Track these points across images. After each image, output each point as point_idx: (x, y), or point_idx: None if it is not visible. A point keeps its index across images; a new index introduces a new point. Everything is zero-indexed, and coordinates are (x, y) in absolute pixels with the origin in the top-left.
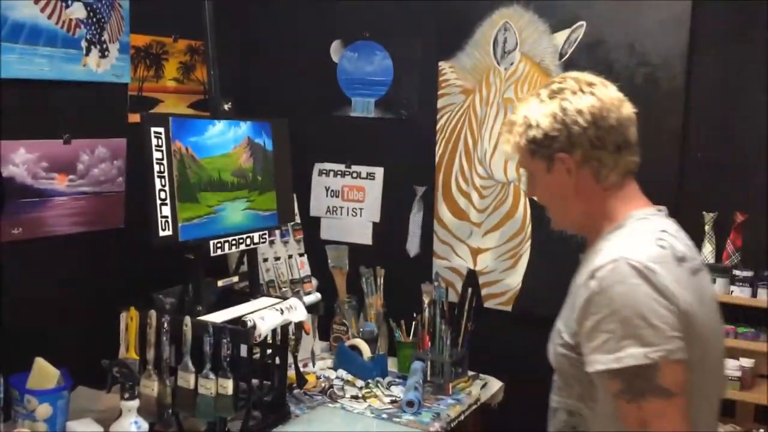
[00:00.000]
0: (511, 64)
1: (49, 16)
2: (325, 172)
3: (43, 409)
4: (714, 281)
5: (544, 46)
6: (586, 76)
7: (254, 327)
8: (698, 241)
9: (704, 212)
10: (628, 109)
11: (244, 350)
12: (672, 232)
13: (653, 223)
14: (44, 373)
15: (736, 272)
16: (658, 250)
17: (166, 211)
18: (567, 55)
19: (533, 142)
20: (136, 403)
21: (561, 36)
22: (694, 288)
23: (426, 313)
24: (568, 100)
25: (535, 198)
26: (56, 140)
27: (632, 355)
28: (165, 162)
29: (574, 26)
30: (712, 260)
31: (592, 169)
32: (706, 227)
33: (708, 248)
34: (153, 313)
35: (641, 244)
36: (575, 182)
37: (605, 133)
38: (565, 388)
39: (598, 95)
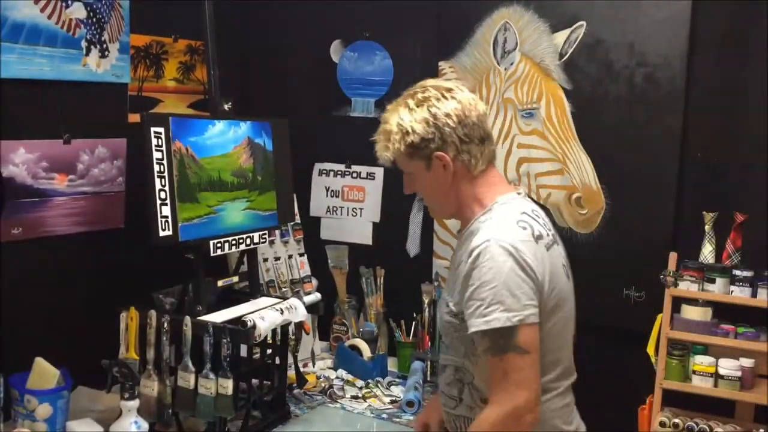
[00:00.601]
0: (511, 64)
1: (49, 16)
2: (325, 172)
3: (43, 409)
4: (714, 281)
5: (544, 46)
6: (444, 83)
7: (254, 327)
8: (698, 241)
9: (704, 212)
10: (482, 106)
11: (244, 350)
12: (530, 213)
13: (515, 206)
14: (44, 373)
15: (736, 272)
16: (520, 231)
17: (166, 211)
18: (567, 55)
19: (411, 146)
20: (136, 403)
21: (561, 36)
22: (548, 261)
23: (426, 313)
24: (435, 106)
25: (414, 193)
26: (56, 140)
27: (498, 318)
28: (165, 162)
29: (574, 26)
30: (712, 260)
31: (463, 161)
32: (706, 227)
33: (708, 248)
34: (153, 313)
35: (507, 226)
36: (451, 175)
37: (470, 130)
38: (452, 348)
39: (458, 98)
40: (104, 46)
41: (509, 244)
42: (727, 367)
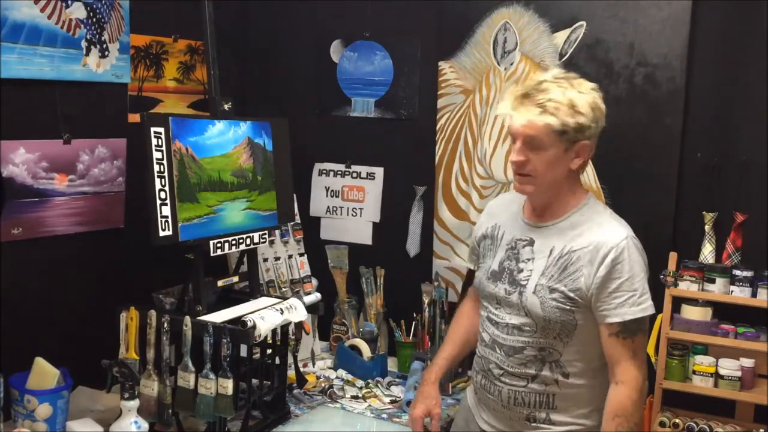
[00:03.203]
0: (511, 64)
1: (49, 16)
2: (325, 172)
3: (43, 409)
4: (714, 281)
5: (544, 46)
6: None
7: (254, 327)
8: (698, 241)
9: (704, 212)
10: None
11: (244, 350)
12: None
13: (601, 205)
14: (44, 372)
15: (736, 272)
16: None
17: (166, 211)
18: (567, 55)
19: (576, 126)
20: (136, 403)
21: (561, 36)
22: None
23: (426, 313)
24: (598, 98)
25: (520, 161)
26: (56, 140)
27: (650, 306)
28: (165, 162)
29: (574, 26)
30: (712, 260)
31: (589, 156)
32: (706, 227)
33: (708, 248)
34: (153, 313)
35: (624, 224)
36: (579, 165)
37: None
38: (542, 331)
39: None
40: (104, 46)
41: (639, 242)
42: (727, 367)
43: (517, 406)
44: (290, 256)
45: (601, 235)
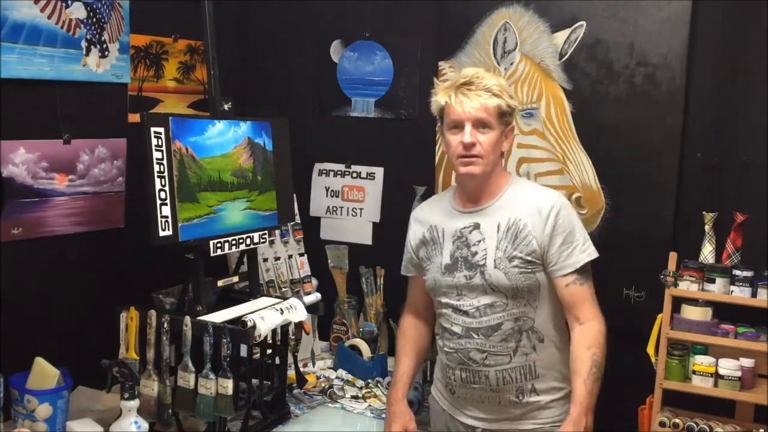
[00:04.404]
0: (511, 64)
1: (49, 16)
2: (325, 172)
3: (43, 409)
4: (714, 281)
5: (544, 46)
6: None
7: (254, 327)
8: (698, 241)
9: (704, 212)
10: None
11: (244, 350)
12: None
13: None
14: (44, 372)
15: (736, 272)
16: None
17: (166, 211)
18: (567, 55)
19: (510, 108)
20: (136, 403)
21: (561, 36)
22: None
23: None
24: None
25: (471, 142)
26: (56, 140)
27: (594, 251)
28: (165, 162)
29: (574, 26)
30: (712, 260)
31: (512, 141)
32: (706, 227)
33: (708, 248)
34: (153, 313)
35: (548, 188)
36: (507, 146)
37: None
38: (513, 301)
39: None
40: (104, 46)
41: (567, 200)
42: (727, 367)
43: (506, 385)
44: (290, 256)
45: (537, 199)
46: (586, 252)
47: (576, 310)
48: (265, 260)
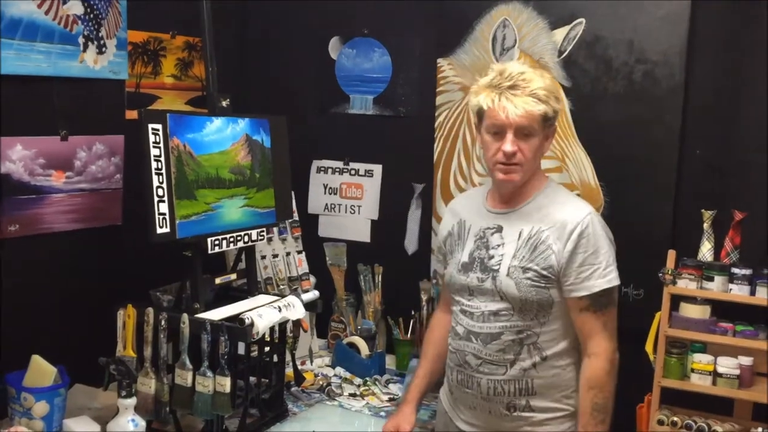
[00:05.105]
0: (510, 60)
1: (47, 12)
2: (323, 169)
3: (40, 407)
4: (713, 279)
5: (543, 43)
6: None
7: (252, 324)
8: (697, 239)
9: (703, 210)
10: None
11: (241, 348)
12: None
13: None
14: (41, 370)
15: (735, 270)
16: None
17: (164, 208)
18: (566, 52)
19: (555, 113)
20: (133, 401)
21: (560, 33)
22: None
23: (424, 311)
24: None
25: (513, 151)
26: (53, 137)
27: (616, 277)
28: (163, 159)
29: (574, 23)
30: (710, 258)
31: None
32: (705, 225)
33: (707, 246)
34: (150, 310)
35: (583, 201)
36: (547, 147)
37: None
38: (519, 313)
39: None
40: (102, 42)
41: (601, 218)
42: (726, 365)
43: (497, 396)
44: (288, 254)
45: (565, 213)
46: (606, 278)
47: (585, 339)
48: (263, 257)
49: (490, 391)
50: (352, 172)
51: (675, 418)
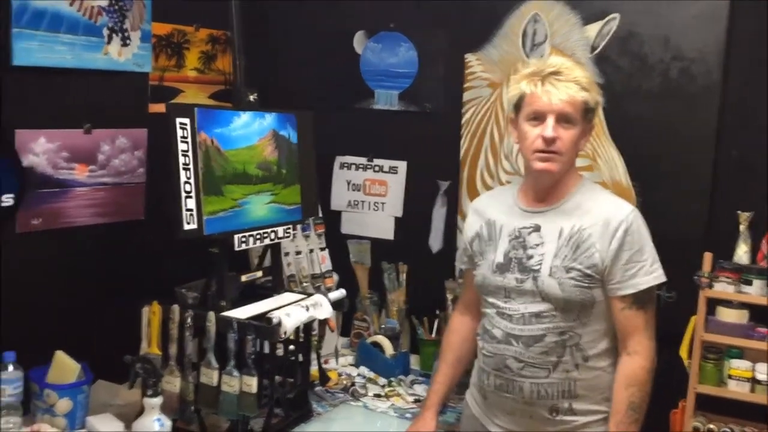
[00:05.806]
0: (541, 56)
1: (71, 3)
2: (346, 165)
3: (63, 404)
4: (751, 283)
5: (575, 38)
6: None
7: (279, 324)
8: (733, 241)
9: (739, 212)
10: None
11: (266, 346)
12: None
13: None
14: (64, 366)
15: None
16: None
17: (191, 204)
18: (599, 48)
19: (596, 104)
20: (159, 400)
21: (593, 29)
22: None
23: (449, 310)
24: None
25: (553, 137)
26: (77, 130)
27: (662, 274)
28: (190, 154)
29: (607, 18)
30: (747, 261)
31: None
32: (741, 227)
33: (743, 248)
34: (176, 307)
35: (621, 198)
36: (584, 143)
37: None
38: (562, 314)
39: None
40: (126, 34)
41: (641, 215)
42: (765, 372)
43: (540, 400)
44: (311, 251)
45: (608, 210)
46: (653, 275)
47: (626, 337)
48: (287, 254)
49: (533, 395)
50: (376, 168)
51: (711, 426)
